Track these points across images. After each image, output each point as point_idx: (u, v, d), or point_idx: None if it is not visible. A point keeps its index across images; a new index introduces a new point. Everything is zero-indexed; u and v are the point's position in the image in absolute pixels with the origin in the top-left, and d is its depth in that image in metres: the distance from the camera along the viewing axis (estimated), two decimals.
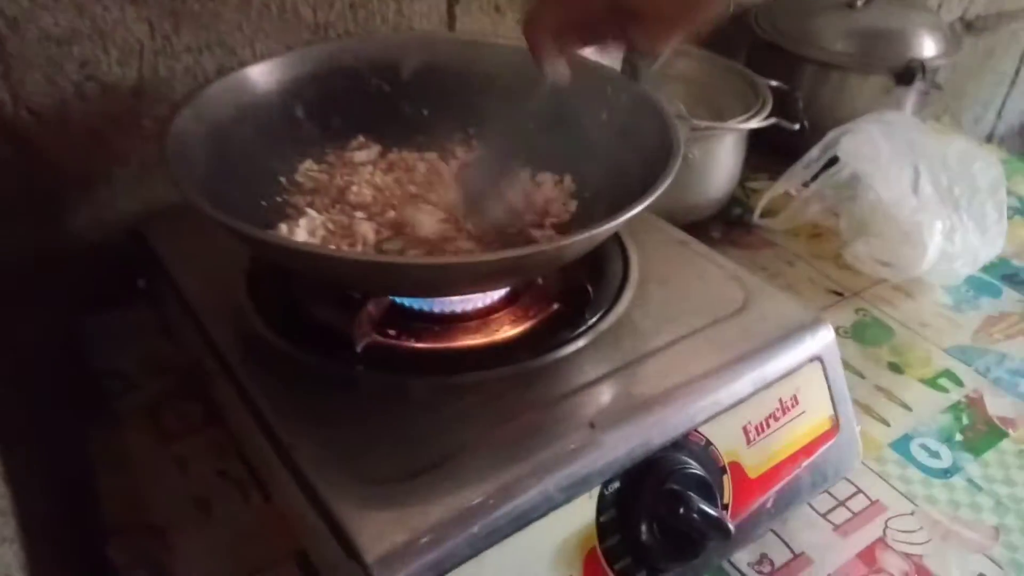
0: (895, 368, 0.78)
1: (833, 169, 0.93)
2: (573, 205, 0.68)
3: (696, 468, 0.53)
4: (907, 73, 1.01)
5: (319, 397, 0.55)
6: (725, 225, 0.96)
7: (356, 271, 0.52)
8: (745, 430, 0.57)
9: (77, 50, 0.70)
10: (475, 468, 0.49)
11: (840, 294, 0.87)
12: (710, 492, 0.53)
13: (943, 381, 0.77)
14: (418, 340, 0.59)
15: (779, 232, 0.95)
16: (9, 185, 0.72)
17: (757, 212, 0.95)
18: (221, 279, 0.65)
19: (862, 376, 0.76)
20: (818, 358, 0.61)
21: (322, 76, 0.71)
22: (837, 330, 0.75)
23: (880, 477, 0.67)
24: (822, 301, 0.86)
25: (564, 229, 0.66)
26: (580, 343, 0.58)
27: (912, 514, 0.64)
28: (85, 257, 0.78)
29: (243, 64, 0.76)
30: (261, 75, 0.68)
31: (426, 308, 0.60)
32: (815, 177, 0.94)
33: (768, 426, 0.58)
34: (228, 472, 0.64)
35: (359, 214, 0.65)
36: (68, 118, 0.72)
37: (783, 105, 0.93)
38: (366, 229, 0.61)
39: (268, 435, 0.53)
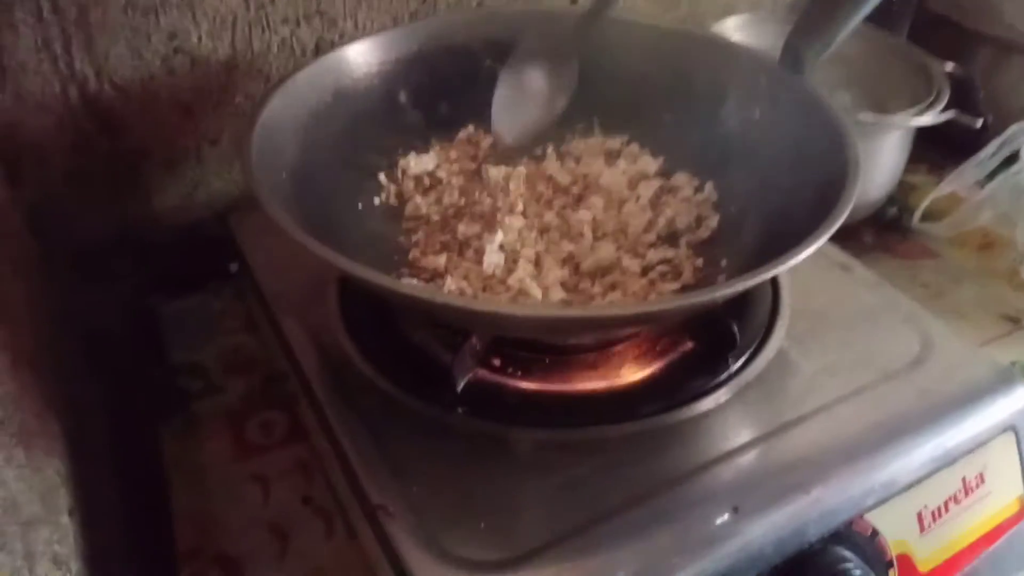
0: None
1: (1013, 169, 0.79)
2: (715, 220, 0.58)
3: (859, 566, 0.43)
4: None
5: (412, 444, 0.47)
6: (878, 228, 0.84)
7: (462, 317, 0.44)
8: (920, 516, 0.47)
9: (165, 21, 0.63)
10: (589, 557, 0.41)
11: (1016, 321, 0.74)
12: None
13: None
14: (526, 375, 0.51)
15: (942, 240, 0.82)
16: (93, 163, 0.67)
17: (917, 215, 0.83)
18: (310, 286, 0.58)
19: None
20: (1011, 427, 0.50)
21: (429, 56, 0.63)
22: (1013, 366, 0.64)
23: None
24: (994, 330, 0.73)
25: (703, 249, 0.56)
26: (721, 396, 0.49)
27: None
28: (171, 238, 0.73)
29: (344, 37, 0.69)
30: (361, 55, 0.61)
31: None
32: (989, 176, 0.81)
33: (947, 510, 0.48)
34: (313, 499, 0.58)
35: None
36: (155, 94, 0.66)
37: (957, 93, 0.79)
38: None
39: (353, 484, 0.46)
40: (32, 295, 0.55)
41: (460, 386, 0.48)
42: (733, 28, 0.84)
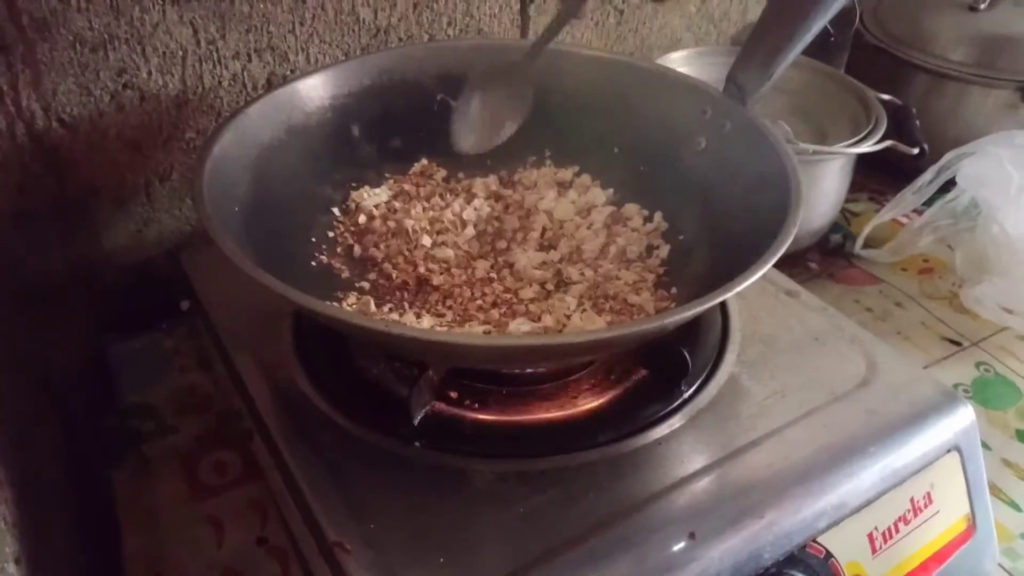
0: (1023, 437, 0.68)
1: (949, 195, 0.82)
2: (665, 250, 0.59)
3: None
4: None
5: (369, 480, 0.47)
6: (823, 255, 0.86)
7: (417, 348, 0.44)
8: (871, 537, 0.48)
9: (114, 56, 0.63)
10: None
11: (958, 344, 0.76)
12: None
13: None
14: (483, 407, 0.51)
15: (885, 265, 0.85)
16: (40, 201, 0.66)
17: (860, 241, 0.85)
18: (263, 322, 0.57)
19: (987, 447, 0.66)
20: (956, 448, 0.51)
21: (381, 90, 0.64)
22: (956, 388, 0.65)
23: None
24: (937, 352, 0.75)
25: (655, 279, 0.57)
26: (675, 422, 0.50)
27: None
28: (121, 277, 0.72)
29: (295, 71, 0.69)
30: (313, 89, 0.61)
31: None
32: (928, 203, 0.84)
33: (897, 530, 0.49)
34: (267, 540, 0.57)
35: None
36: (104, 131, 0.65)
37: (895, 122, 0.82)
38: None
39: (309, 522, 0.46)
40: None
41: (417, 419, 0.49)
42: (679, 61, 0.86)
